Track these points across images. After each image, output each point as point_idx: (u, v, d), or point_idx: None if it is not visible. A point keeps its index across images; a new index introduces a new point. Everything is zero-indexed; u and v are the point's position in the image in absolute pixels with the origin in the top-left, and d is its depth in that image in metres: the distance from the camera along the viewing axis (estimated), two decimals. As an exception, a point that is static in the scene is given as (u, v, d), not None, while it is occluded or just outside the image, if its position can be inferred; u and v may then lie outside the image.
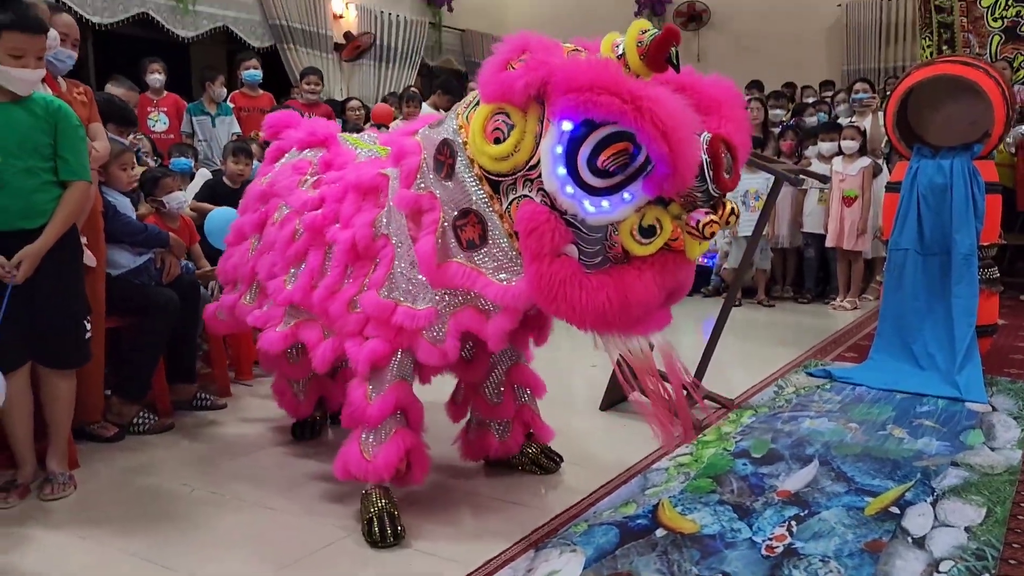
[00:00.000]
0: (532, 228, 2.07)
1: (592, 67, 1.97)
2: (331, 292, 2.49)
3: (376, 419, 2.38)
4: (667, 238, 2.09)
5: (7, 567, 2.29)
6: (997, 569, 2.16)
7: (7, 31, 2.57)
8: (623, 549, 2.29)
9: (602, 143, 1.97)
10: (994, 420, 3.43)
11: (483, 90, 2.16)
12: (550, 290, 2.08)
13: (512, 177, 2.15)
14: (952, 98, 4.38)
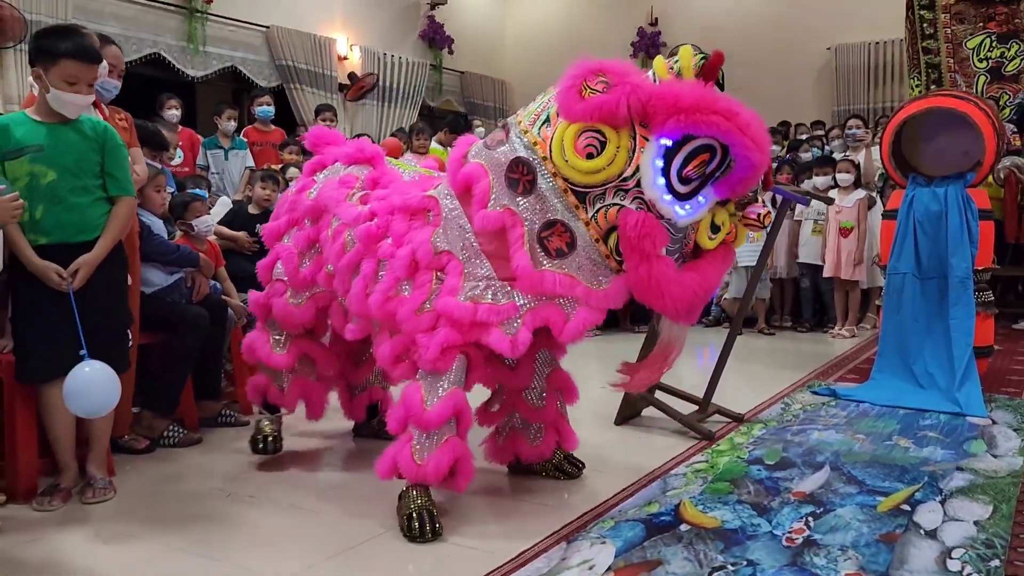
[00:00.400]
0: (645, 232, 2.32)
1: (691, 90, 2.25)
2: (387, 297, 2.61)
3: (435, 424, 2.48)
4: (727, 232, 2.47)
5: (59, 564, 2.38)
6: (1006, 556, 2.28)
7: (65, 59, 2.73)
8: (650, 542, 2.40)
9: (691, 154, 2.29)
10: (995, 432, 3.57)
11: (569, 110, 2.35)
12: (657, 287, 2.35)
13: (602, 188, 2.37)
14: (945, 129, 4.59)
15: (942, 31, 8.02)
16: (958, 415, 3.87)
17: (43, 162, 2.76)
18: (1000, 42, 7.77)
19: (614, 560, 2.27)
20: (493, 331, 2.48)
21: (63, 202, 2.78)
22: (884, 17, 10.12)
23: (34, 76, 2.76)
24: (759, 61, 11.52)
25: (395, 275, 2.63)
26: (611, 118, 2.31)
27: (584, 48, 10.91)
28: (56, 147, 2.78)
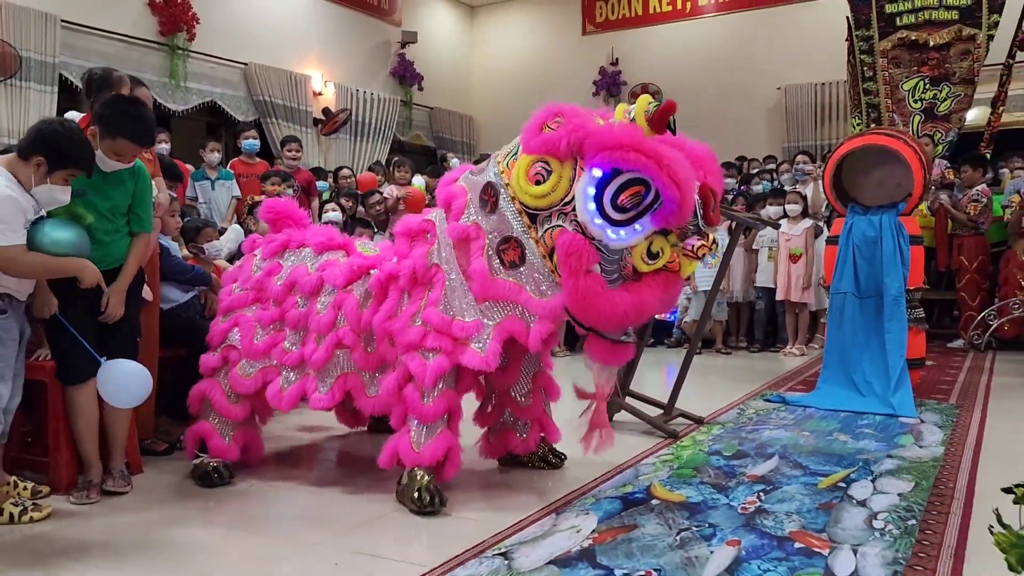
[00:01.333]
0: (571, 251, 2.66)
1: (621, 130, 2.61)
2: (389, 316, 3.01)
3: (432, 417, 2.88)
4: (667, 260, 2.74)
5: (113, 541, 2.71)
6: (921, 518, 2.73)
7: (123, 139, 3.08)
8: (627, 512, 2.81)
9: (623, 186, 2.59)
10: (922, 429, 4.05)
11: (527, 144, 2.78)
12: (584, 300, 2.66)
13: (548, 211, 2.75)
14: (879, 164, 5.14)
15: (880, 74, 8.70)
16: (892, 416, 4.35)
17: (84, 206, 3.11)
18: (932, 84, 8.46)
19: (597, 525, 2.68)
20: (467, 349, 2.86)
21: (98, 241, 3.13)
22: (828, 59, 10.83)
23: (90, 133, 3.10)
24: (715, 99, 12.19)
25: (399, 289, 3.03)
26: (554, 150, 2.68)
27: (548, 86, 11.65)
28: (98, 194, 3.13)
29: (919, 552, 2.44)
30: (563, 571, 2.30)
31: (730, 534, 2.58)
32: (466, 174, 3.09)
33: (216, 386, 3.38)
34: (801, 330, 7.04)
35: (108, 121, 3.08)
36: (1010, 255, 7.08)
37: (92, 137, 3.07)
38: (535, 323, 2.86)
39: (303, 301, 3.25)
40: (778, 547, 2.47)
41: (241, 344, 3.31)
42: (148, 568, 2.46)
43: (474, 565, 2.37)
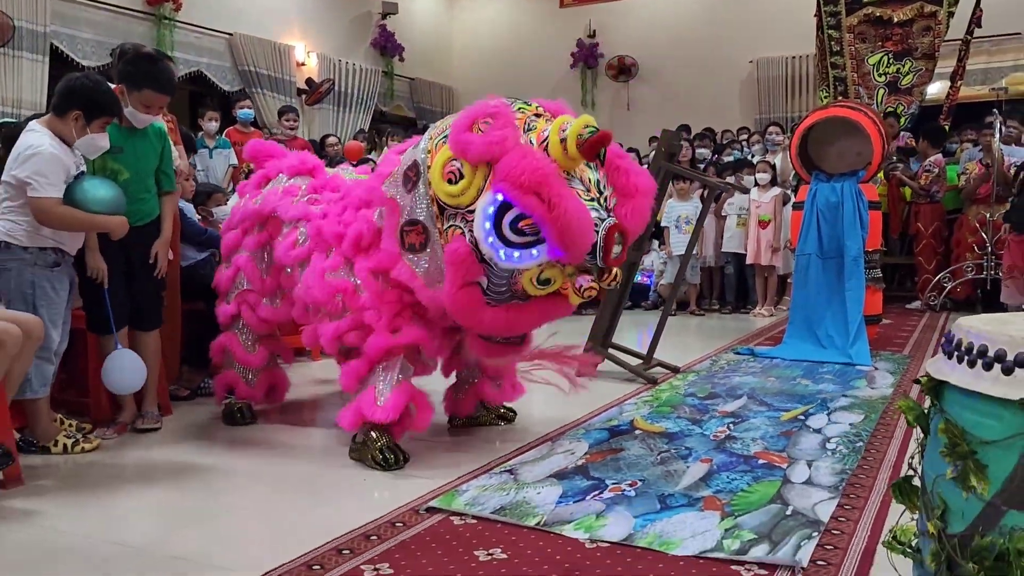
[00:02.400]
0: (454, 261, 2.67)
1: (532, 163, 2.51)
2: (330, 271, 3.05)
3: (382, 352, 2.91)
4: (558, 287, 2.71)
5: (153, 466, 3.05)
6: (866, 442, 3.15)
7: (146, 88, 3.36)
8: (614, 439, 3.20)
9: (521, 215, 2.55)
10: (876, 374, 4.49)
11: (452, 138, 2.66)
12: (459, 309, 2.75)
13: (455, 210, 2.69)
14: (841, 135, 5.53)
15: (847, 49, 9.07)
16: (850, 365, 4.78)
17: (121, 162, 3.41)
18: (896, 59, 8.85)
19: (588, 448, 3.07)
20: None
21: (132, 196, 3.44)
22: (799, 34, 11.17)
23: (117, 91, 3.38)
24: (690, 72, 12.54)
25: (343, 254, 3.05)
26: (467, 155, 2.60)
27: (526, 57, 12.00)
28: (133, 152, 3.44)
29: (863, 465, 2.86)
30: (562, 482, 2.68)
31: (703, 454, 2.98)
32: (414, 146, 2.99)
33: (233, 339, 3.63)
34: (770, 292, 7.47)
35: (131, 76, 3.37)
36: (963, 221, 7.54)
37: (120, 95, 3.36)
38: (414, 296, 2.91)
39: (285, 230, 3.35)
40: (744, 463, 2.87)
41: (252, 284, 3.51)
42: (190, 487, 2.81)
43: (486, 478, 2.74)
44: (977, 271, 7.21)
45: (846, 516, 2.38)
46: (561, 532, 2.28)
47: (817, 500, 2.48)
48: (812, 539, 2.17)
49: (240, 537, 2.35)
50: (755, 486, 2.62)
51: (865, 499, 2.52)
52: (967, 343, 1.35)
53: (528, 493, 2.57)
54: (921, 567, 1.44)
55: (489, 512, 2.42)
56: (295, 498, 2.68)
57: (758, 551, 2.11)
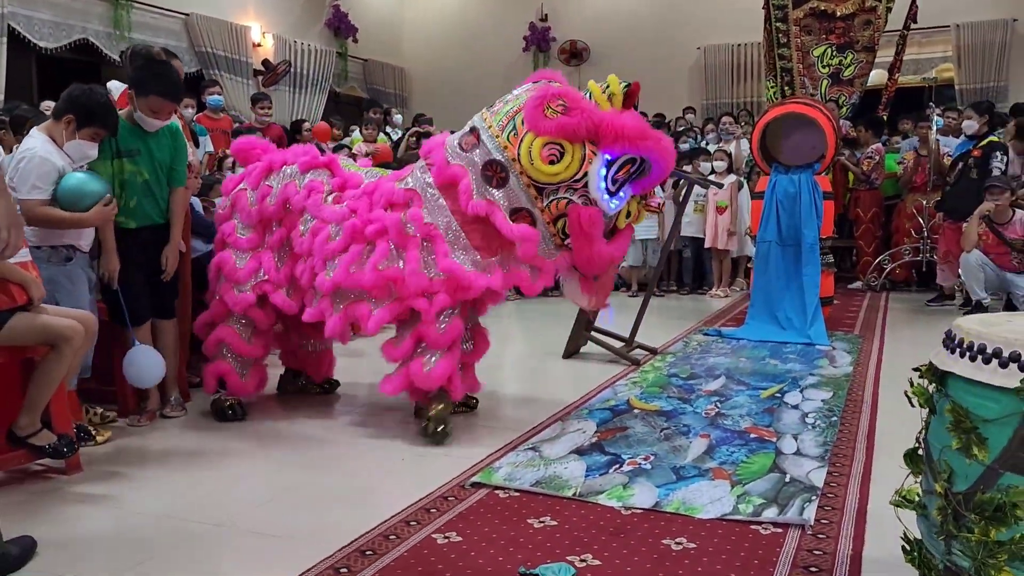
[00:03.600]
0: (593, 222, 3.16)
1: (630, 120, 3.13)
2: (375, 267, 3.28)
3: (446, 342, 3.28)
4: (634, 216, 3.39)
5: (174, 449, 3.27)
6: (839, 416, 3.55)
7: (154, 95, 3.50)
8: (617, 418, 3.54)
9: (622, 165, 3.17)
10: (835, 354, 4.93)
11: (538, 127, 3.12)
12: (599, 260, 3.25)
13: (556, 185, 3.17)
14: (796, 129, 5.95)
15: (793, 40, 9.54)
16: (810, 345, 5.22)
17: (139, 164, 3.57)
18: (839, 51, 9.33)
19: (596, 427, 3.40)
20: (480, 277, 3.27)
21: (152, 196, 3.61)
22: (746, 22, 11.61)
23: (127, 96, 3.52)
24: (639, 58, 12.90)
25: (386, 244, 3.32)
26: (571, 136, 3.10)
27: (478, 40, 12.27)
28: (149, 153, 3.60)
29: (841, 437, 3.26)
30: (583, 457, 3.01)
31: (701, 430, 3.34)
32: (454, 149, 3.33)
33: (230, 330, 3.71)
34: (725, 274, 7.92)
35: (138, 82, 3.52)
36: (901, 207, 8.10)
37: (130, 100, 3.50)
38: (538, 276, 3.36)
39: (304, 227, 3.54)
40: (738, 437, 3.25)
41: (270, 276, 3.63)
42: (237, 469, 3.05)
43: (513, 455, 3.05)
44: (914, 254, 7.77)
45: (836, 482, 2.76)
46: (597, 501, 2.61)
47: (809, 468, 2.86)
48: (813, 502, 2.54)
49: (308, 513, 2.61)
50: (753, 458, 2.99)
51: (849, 467, 2.91)
52: (968, 342, 1.70)
53: (556, 468, 2.89)
54: (927, 520, 1.80)
55: (528, 485, 2.73)
56: (341, 478, 2.94)
57: (770, 513, 2.47)
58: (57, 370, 2.77)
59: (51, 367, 2.75)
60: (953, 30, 11.16)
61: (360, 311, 3.38)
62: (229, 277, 3.67)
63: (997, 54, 11.06)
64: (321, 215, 3.47)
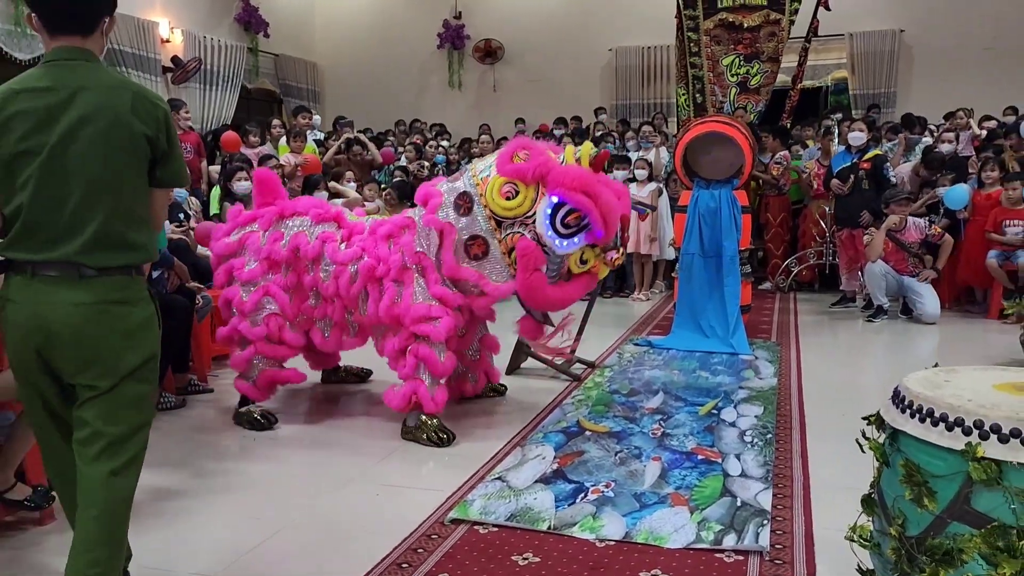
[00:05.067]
0: (527, 253, 3.67)
1: (578, 173, 3.59)
2: (393, 302, 3.79)
3: (447, 371, 3.78)
4: (591, 265, 3.80)
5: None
6: (774, 434, 3.87)
7: None
8: (571, 442, 3.75)
9: (569, 211, 3.61)
10: (759, 364, 5.28)
11: (501, 168, 3.73)
12: (530, 290, 3.74)
13: (512, 220, 3.67)
14: (717, 146, 6.27)
15: (704, 50, 9.97)
16: (733, 354, 5.56)
17: None
18: (746, 61, 9.81)
19: (554, 453, 3.60)
20: (476, 301, 3.84)
21: None
22: (657, 26, 12.01)
23: None
24: (552, 57, 13.15)
25: (392, 280, 3.81)
26: (523, 176, 3.66)
27: (392, 36, 12.33)
28: None
29: (779, 456, 3.57)
30: (548, 486, 3.21)
31: (652, 452, 3.59)
32: (444, 184, 3.94)
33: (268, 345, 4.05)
34: (646, 278, 8.26)
35: None
36: (807, 212, 8.62)
37: None
38: (484, 299, 3.87)
39: (311, 266, 3.99)
40: (687, 459, 3.51)
41: (280, 309, 4.00)
42: (181, 515, 3.11)
43: (483, 487, 3.22)
44: (819, 257, 8.30)
45: (781, 504, 3.05)
46: (571, 534, 2.81)
47: (756, 491, 3.14)
48: (765, 526, 2.81)
49: (298, 562, 2.71)
50: (705, 481, 3.25)
51: (791, 488, 3.21)
52: (917, 404, 1.97)
53: (527, 499, 3.08)
54: (881, 557, 2.07)
55: (504, 520, 2.91)
56: (317, 521, 3.03)
57: (730, 540, 2.73)
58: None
59: (27, 423, 2.74)
60: (847, 38, 11.85)
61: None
62: (239, 310, 4.03)
63: (887, 62, 11.81)
64: (337, 259, 3.92)
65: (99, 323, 2.06)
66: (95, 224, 2.06)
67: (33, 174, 2.03)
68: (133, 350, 2.12)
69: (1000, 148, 7.86)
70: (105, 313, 2.07)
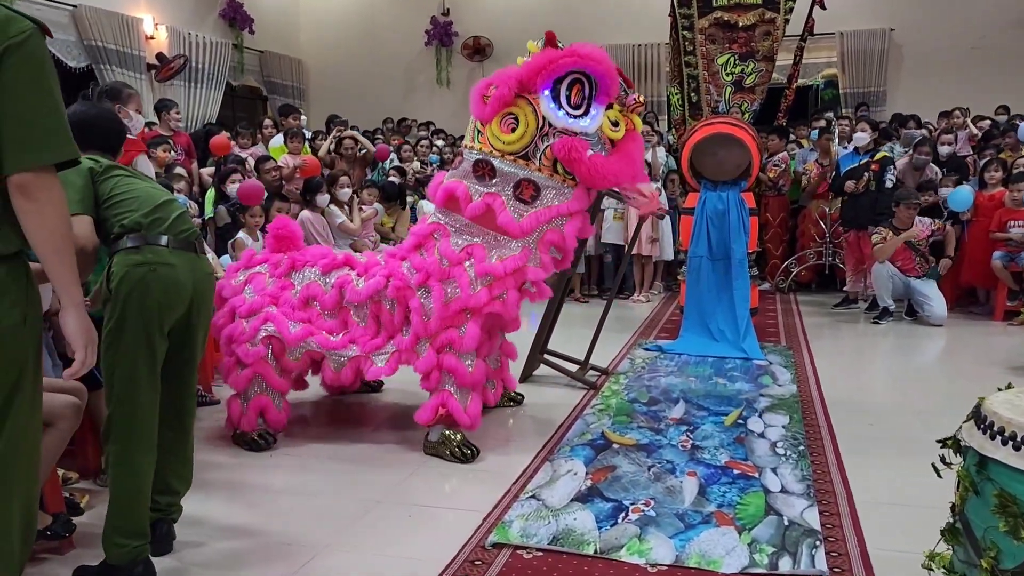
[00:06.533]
0: (570, 147, 3.48)
1: (539, 56, 3.48)
2: (443, 304, 3.62)
3: (477, 381, 3.67)
4: (625, 125, 3.65)
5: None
6: (805, 444, 3.79)
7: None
8: (601, 455, 3.65)
9: (568, 89, 3.48)
10: (774, 369, 5.22)
11: (482, 113, 3.55)
12: (598, 172, 3.53)
13: (532, 144, 3.53)
14: (722, 147, 6.20)
15: (699, 49, 9.90)
16: (746, 359, 5.49)
17: None
18: (741, 60, 9.73)
19: (586, 468, 3.49)
20: (529, 269, 3.66)
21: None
22: (649, 23, 11.94)
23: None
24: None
25: (438, 280, 3.63)
26: (507, 101, 3.49)
27: (378, 33, 12.13)
28: None
29: (816, 470, 3.49)
30: (586, 505, 3.10)
31: (685, 467, 3.50)
32: (448, 175, 3.82)
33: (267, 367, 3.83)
34: (647, 279, 8.18)
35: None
36: (806, 213, 8.58)
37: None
38: (567, 222, 3.67)
39: (328, 315, 3.85)
40: (723, 474, 3.42)
41: (281, 334, 3.79)
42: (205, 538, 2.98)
43: (518, 507, 3.10)
44: (818, 257, 8.27)
45: (830, 523, 2.96)
46: (620, 558, 2.70)
47: (801, 508, 3.05)
48: (819, 547, 2.73)
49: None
50: (746, 498, 3.16)
51: (835, 504, 3.13)
52: (1009, 431, 1.88)
53: (567, 520, 2.97)
54: (966, 589, 1.98)
55: (547, 544, 2.80)
56: (355, 546, 2.91)
57: (786, 563, 2.64)
58: (55, 451, 2.63)
59: (47, 448, 2.59)
60: (837, 37, 11.84)
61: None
62: (238, 340, 3.83)
63: (877, 61, 11.82)
64: (360, 297, 3.76)
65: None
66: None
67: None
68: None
69: (999, 147, 7.85)
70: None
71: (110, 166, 2.70)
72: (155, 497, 2.72)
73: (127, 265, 2.54)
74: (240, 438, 3.91)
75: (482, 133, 3.62)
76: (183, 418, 2.82)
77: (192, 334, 2.73)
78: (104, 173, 2.66)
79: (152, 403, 2.59)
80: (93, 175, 2.62)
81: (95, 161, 2.66)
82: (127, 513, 2.54)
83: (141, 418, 2.56)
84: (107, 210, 2.63)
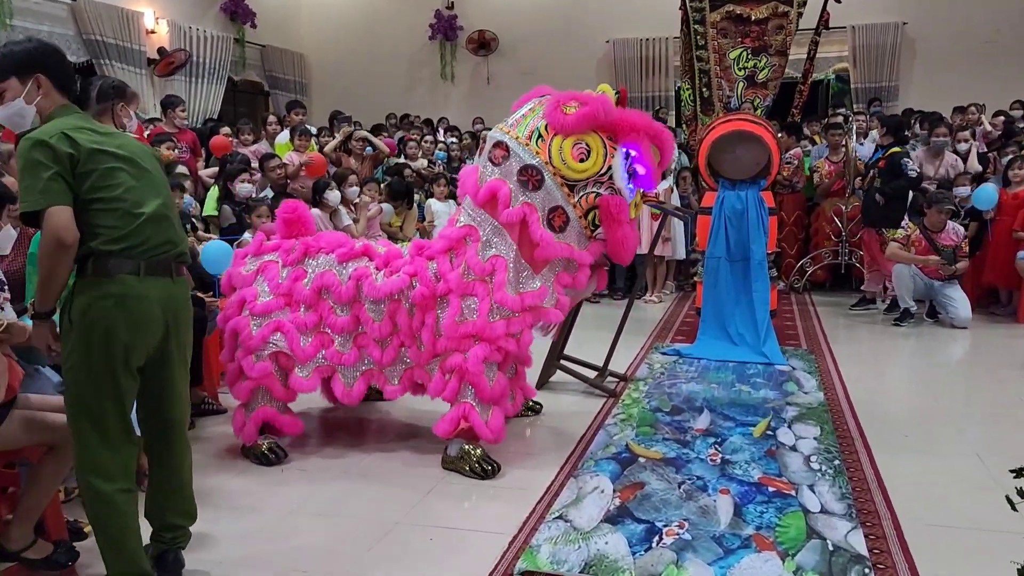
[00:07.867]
0: (621, 208, 3.51)
1: (641, 120, 3.54)
2: (454, 321, 3.47)
3: (498, 395, 3.52)
4: (638, 208, 3.77)
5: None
6: (840, 458, 3.62)
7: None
8: (628, 470, 3.49)
9: (632, 159, 3.54)
10: (798, 375, 5.05)
11: (562, 126, 3.44)
12: (626, 242, 3.55)
13: (586, 180, 3.49)
14: (740, 145, 6.03)
15: (711, 43, 9.71)
16: (768, 364, 5.32)
17: None
18: (753, 55, 9.54)
19: (613, 485, 3.33)
20: (544, 311, 3.54)
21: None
22: (655, 18, 11.75)
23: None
24: (547, 48, 12.82)
25: (458, 296, 3.49)
26: (593, 122, 3.43)
27: (382, 27, 11.90)
28: None
29: (855, 486, 3.33)
30: (617, 527, 2.94)
31: (717, 484, 3.33)
32: (484, 165, 3.62)
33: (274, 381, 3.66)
34: (659, 279, 8.01)
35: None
36: (820, 211, 8.41)
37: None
38: (579, 271, 3.63)
39: (340, 309, 3.61)
40: (757, 492, 3.25)
41: (291, 349, 3.60)
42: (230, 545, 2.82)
43: (546, 529, 2.94)
44: (833, 257, 8.10)
45: (877, 547, 2.80)
46: (658, 588, 2.54)
47: (844, 531, 2.89)
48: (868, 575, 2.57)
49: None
50: (785, 519, 3.00)
51: (880, 527, 2.97)
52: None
53: (598, 544, 2.81)
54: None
55: (578, 572, 2.64)
56: (383, 566, 2.75)
57: (835, 594, 2.48)
58: (58, 474, 2.47)
59: (50, 471, 2.44)
60: (849, 31, 11.66)
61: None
62: (244, 345, 3.64)
63: (889, 55, 11.64)
64: (379, 294, 3.57)
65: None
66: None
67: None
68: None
69: (1022, 144, 7.68)
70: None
71: (93, 150, 2.33)
72: (160, 532, 2.59)
73: (91, 297, 2.32)
74: (249, 452, 3.75)
75: (545, 140, 3.49)
76: (172, 453, 2.61)
77: (168, 366, 2.51)
78: (87, 160, 2.31)
79: (123, 441, 2.39)
80: (72, 161, 2.29)
81: (70, 140, 2.29)
82: (120, 557, 2.37)
83: (111, 458, 2.35)
84: (83, 212, 2.31)
